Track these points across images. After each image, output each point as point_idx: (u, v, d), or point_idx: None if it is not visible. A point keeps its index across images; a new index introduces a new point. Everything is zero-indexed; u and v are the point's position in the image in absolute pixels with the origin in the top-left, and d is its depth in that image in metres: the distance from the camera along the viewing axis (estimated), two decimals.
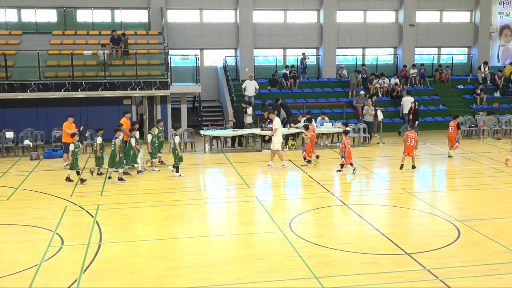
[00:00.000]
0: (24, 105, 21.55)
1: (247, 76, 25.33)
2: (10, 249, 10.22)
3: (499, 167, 17.21)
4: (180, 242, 10.70)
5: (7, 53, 20.90)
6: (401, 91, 26.32)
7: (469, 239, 10.50)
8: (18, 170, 17.39)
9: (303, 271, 9.00)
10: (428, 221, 11.96)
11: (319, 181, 15.46)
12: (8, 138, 20.02)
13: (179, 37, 26.79)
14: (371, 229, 11.15)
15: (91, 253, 9.80)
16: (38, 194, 14.26)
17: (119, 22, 25.74)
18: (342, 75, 27.85)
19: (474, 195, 13.94)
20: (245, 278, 8.74)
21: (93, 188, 14.79)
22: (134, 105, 22.64)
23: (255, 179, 16.03)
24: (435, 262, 9.29)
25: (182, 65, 24.20)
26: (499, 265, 9.21)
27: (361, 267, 9.16)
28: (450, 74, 28.91)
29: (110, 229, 11.28)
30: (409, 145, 16.74)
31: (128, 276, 8.83)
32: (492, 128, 23.79)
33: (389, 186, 15.27)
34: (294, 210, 12.78)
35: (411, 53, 29.23)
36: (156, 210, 12.76)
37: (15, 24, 25.04)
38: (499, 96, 27.84)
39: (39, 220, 11.85)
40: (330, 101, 25.99)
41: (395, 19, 29.40)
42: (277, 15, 28.17)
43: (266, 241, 10.51)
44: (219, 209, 13.26)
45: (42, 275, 8.86)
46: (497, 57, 30.72)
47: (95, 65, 22.13)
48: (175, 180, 15.96)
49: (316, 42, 28.49)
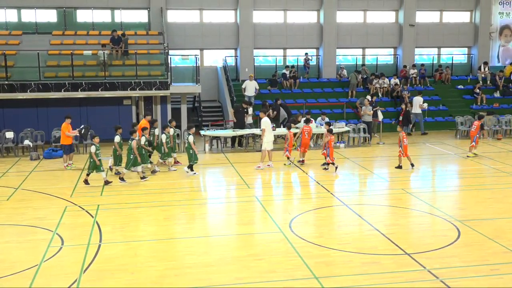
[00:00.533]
0: (24, 105, 21.54)
1: (247, 76, 25.33)
2: (10, 249, 10.22)
3: (499, 167, 17.21)
4: (180, 242, 10.70)
5: (7, 53, 20.90)
6: (401, 91, 26.33)
7: (469, 239, 10.50)
8: (18, 170, 17.39)
9: (303, 271, 9.00)
10: (428, 221, 11.96)
11: (319, 181, 15.47)
12: (8, 138, 20.01)
13: (179, 37, 26.79)
14: (371, 229, 11.15)
15: (91, 253, 9.80)
16: (38, 194, 14.26)
17: (119, 22, 25.74)
18: (342, 75, 27.86)
19: (474, 195, 13.94)
20: (245, 278, 8.74)
21: (93, 189, 14.79)
22: (134, 105, 22.63)
23: (255, 179, 16.03)
24: (435, 262, 9.29)
25: (182, 65, 24.20)
26: (499, 265, 9.21)
27: (361, 267, 9.16)
28: (450, 74, 28.91)
29: (110, 229, 11.28)
30: (406, 145, 16.80)
31: (128, 276, 8.83)
32: (492, 128, 23.79)
33: (389, 186, 15.27)
34: (294, 210, 12.79)
35: (411, 53, 29.23)
36: (156, 210, 12.76)
37: (15, 24, 25.03)
38: (499, 96, 27.85)
39: (39, 220, 11.85)
40: (330, 101, 26.01)
41: (395, 19, 29.40)
42: (277, 15, 28.17)
43: (266, 241, 10.51)
44: (219, 209, 13.27)
45: (42, 275, 8.86)
46: (497, 57, 30.72)
47: (95, 65, 22.13)
48: (175, 180, 15.96)
49: (316, 42, 28.49)
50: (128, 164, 15.58)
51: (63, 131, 17.52)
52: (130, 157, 15.55)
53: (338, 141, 21.73)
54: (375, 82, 26.84)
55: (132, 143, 15.49)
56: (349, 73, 27.41)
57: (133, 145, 15.44)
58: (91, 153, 14.81)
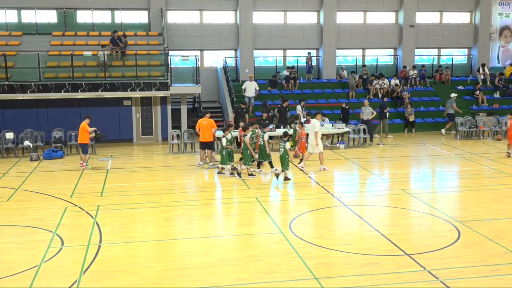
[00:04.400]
0: (24, 106, 21.57)
1: (247, 77, 25.35)
2: (10, 250, 10.21)
3: (499, 168, 17.22)
4: (180, 243, 10.70)
5: (7, 54, 20.93)
6: (401, 92, 26.35)
7: (469, 240, 10.49)
8: (18, 171, 17.39)
9: (303, 272, 9.00)
10: (428, 222, 11.95)
11: (319, 182, 15.47)
12: (8, 139, 20.02)
13: (179, 38, 26.82)
14: (371, 230, 11.15)
15: (91, 254, 9.80)
16: (38, 195, 14.26)
17: (119, 23, 25.77)
18: (342, 76, 27.87)
19: (474, 196, 13.93)
20: (245, 279, 8.74)
21: (93, 189, 14.80)
22: (134, 105, 22.65)
23: (255, 180, 16.02)
24: (435, 263, 9.29)
25: (182, 66, 24.22)
26: (499, 266, 9.21)
27: (361, 268, 9.15)
28: (450, 75, 28.93)
29: (110, 230, 11.28)
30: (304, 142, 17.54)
31: (128, 277, 8.83)
32: (492, 129, 23.79)
33: (389, 187, 15.27)
34: (294, 211, 12.79)
35: (411, 54, 29.25)
36: (156, 211, 12.76)
37: (15, 25, 25.06)
38: (499, 97, 27.86)
39: (39, 221, 11.85)
40: (330, 102, 26.02)
41: (395, 20, 29.42)
42: (277, 16, 28.18)
43: (266, 242, 10.50)
44: (219, 210, 13.27)
45: (42, 276, 8.86)
46: (497, 58, 30.74)
47: (95, 66, 22.14)
48: (175, 180, 15.98)
49: (316, 43, 28.50)
50: (246, 160, 16.01)
51: (83, 130, 17.40)
52: (247, 153, 15.95)
53: (338, 142, 21.74)
54: (375, 83, 26.85)
55: (245, 139, 15.93)
56: (349, 74, 27.43)
57: (246, 141, 15.88)
58: (223, 145, 16.03)
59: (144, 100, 22.61)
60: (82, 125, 17.40)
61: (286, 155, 15.50)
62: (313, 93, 26.71)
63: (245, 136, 16.00)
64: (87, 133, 17.31)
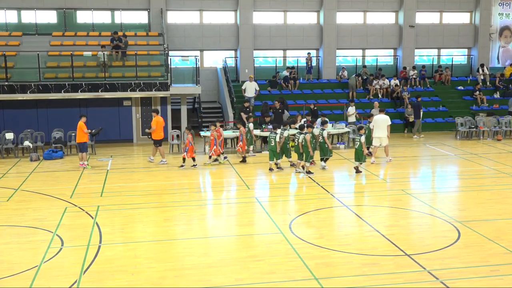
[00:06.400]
0: (24, 106, 21.57)
1: (247, 77, 25.35)
2: (10, 250, 10.21)
3: (499, 168, 17.21)
4: (180, 243, 10.69)
5: (7, 54, 20.93)
6: (401, 92, 26.34)
7: (469, 240, 10.49)
8: (18, 171, 17.39)
9: (303, 272, 8.99)
10: (428, 222, 11.95)
11: (319, 182, 15.46)
12: (8, 140, 20.02)
13: (179, 38, 26.82)
14: (371, 230, 11.15)
15: (91, 254, 9.80)
16: (38, 195, 14.26)
17: (119, 23, 25.77)
18: (342, 76, 27.87)
19: (474, 196, 13.93)
20: (245, 279, 8.74)
21: (93, 189, 14.79)
22: (134, 106, 22.64)
23: (255, 180, 16.03)
24: (435, 263, 9.29)
25: (182, 66, 24.23)
26: (499, 266, 9.20)
27: (361, 268, 9.15)
28: (450, 75, 28.93)
29: (110, 230, 11.28)
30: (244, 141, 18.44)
31: (128, 277, 8.83)
32: (492, 129, 23.79)
33: (389, 187, 15.27)
34: (294, 211, 12.78)
35: (411, 54, 29.25)
36: (156, 211, 12.77)
37: (15, 25, 25.07)
38: (499, 97, 27.86)
39: (39, 221, 11.85)
40: (330, 102, 26.02)
41: (395, 20, 29.42)
42: (277, 16, 28.19)
43: (266, 242, 10.50)
44: (219, 210, 13.27)
45: (42, 276, 8.86)
46: (497, 58, 30.74)
47: (95, 66, 22.14)
48: (174, 181, 15.98)
49: (316, 43, 28.51)
50: (307, 158, 16.23)
51: (80, 129, 17.49)
52: (307, 150, 16.14)
53: (339, 142, 21.74)
54: (375, 83, 26.85)
55: (305, 137, 16.05)
56: (350, 75, 27.43)
57: (307, 138, 16.00)
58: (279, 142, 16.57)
59: (144, 101, 22.61)
60: (79, 125, 17.50)
61: (361, 148, 16.42)
62: (313, 94, 26.71)
63: (306, 134, 16.12)
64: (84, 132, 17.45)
